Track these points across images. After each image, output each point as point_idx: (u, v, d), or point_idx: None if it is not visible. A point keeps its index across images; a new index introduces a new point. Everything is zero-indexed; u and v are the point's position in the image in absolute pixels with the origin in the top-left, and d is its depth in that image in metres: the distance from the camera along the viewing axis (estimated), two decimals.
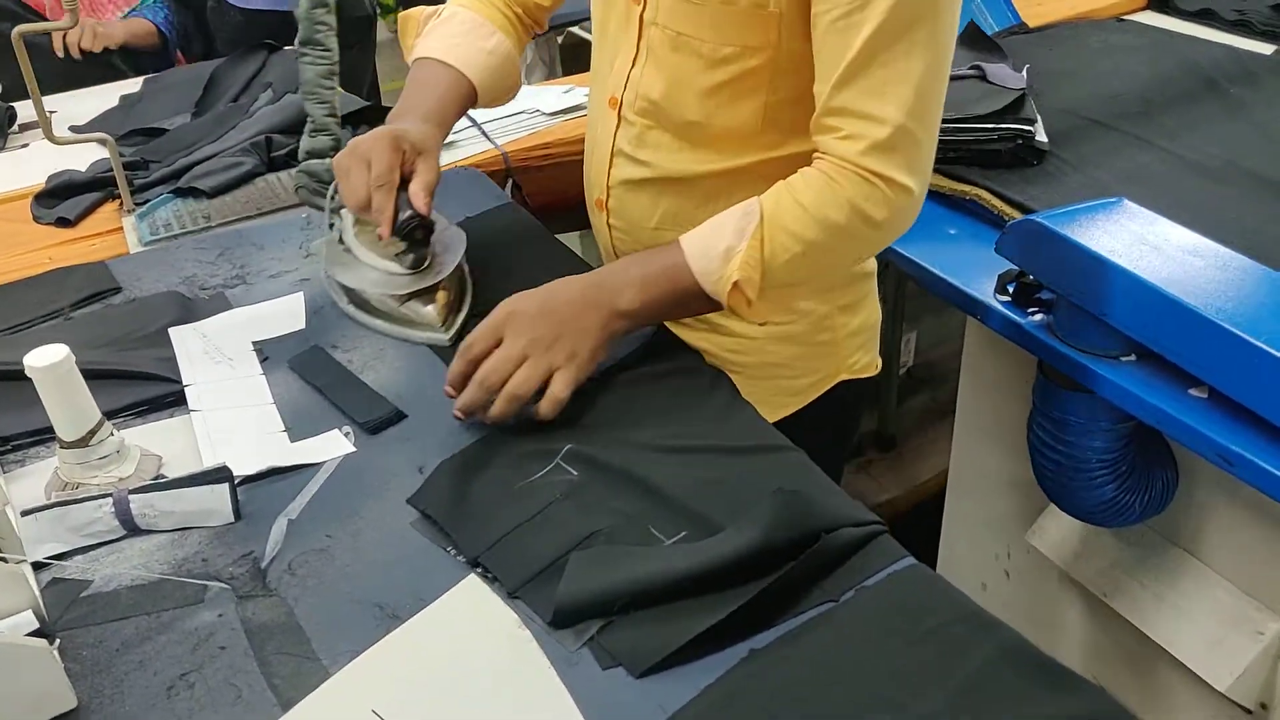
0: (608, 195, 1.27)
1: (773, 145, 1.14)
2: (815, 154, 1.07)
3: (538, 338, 1.03)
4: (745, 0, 1.05)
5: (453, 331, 1.19)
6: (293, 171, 1.43)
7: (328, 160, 1.34)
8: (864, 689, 0.75)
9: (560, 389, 1.02)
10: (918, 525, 1.86)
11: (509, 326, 1.04)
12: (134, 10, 2.57)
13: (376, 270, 1.21)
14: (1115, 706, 0.72)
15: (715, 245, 1.06)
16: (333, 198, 1.26)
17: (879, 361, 1.38)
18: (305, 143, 1.37)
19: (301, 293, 1.30)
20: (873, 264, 1.32)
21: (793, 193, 1.05)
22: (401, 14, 1.39)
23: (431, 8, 1.35)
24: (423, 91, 1.26)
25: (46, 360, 0.91)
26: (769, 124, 1.13)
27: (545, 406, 1.02)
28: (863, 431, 2.66)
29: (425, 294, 1.20)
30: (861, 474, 2.59)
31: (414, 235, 1.18)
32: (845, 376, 1.33)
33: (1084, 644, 1.60)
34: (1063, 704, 0.72)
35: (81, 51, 2.36)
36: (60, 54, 2.29)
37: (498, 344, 1.04)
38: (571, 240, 1.57)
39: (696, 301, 1.09)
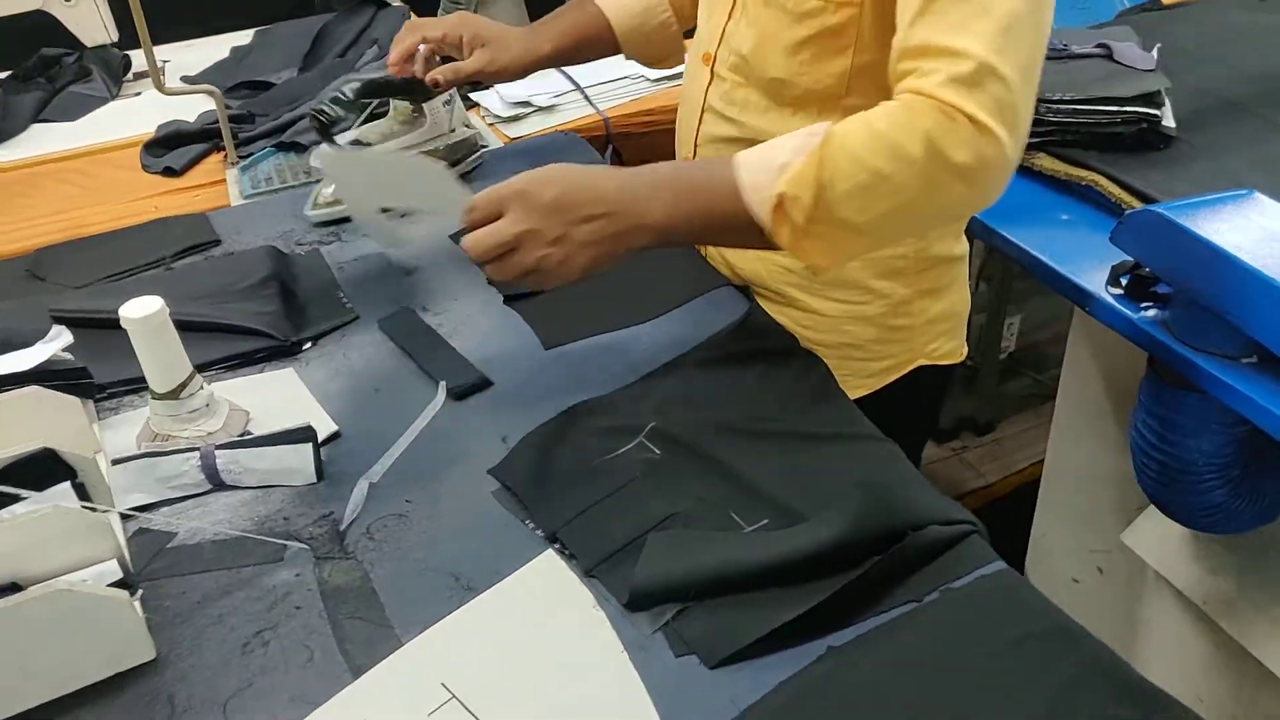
0: (695, 152, 1.25)
1: (857, 109, 1.03)
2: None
3: (536, 230, 0.93)
4: None
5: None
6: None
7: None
8: (943, 698, 0.72)
9: (532, 284, 0.96)
10: (1012, 512, 1.80)
11: (513, 205, 0.94)
12: None
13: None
14: None
15: (772, 159, 0.94)
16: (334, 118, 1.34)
17: (964, 349, 1.34)
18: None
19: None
20: (963, 247, 1.27)
21: (865, 118, 0.93)
22: None
23: None
24: (549, 20, 1.39)
25: (141, 312, 0.92)
26: (854, 87, 1.09)
27: (501, 280, 0.97)
28: (960, 415, 2.59)
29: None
30: (956, 458, 2.53)
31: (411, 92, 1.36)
32: (923, 362, 1.29)
33: (1176, 653, 1.54)
34: None
35: None
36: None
37: (497, 216, 0.94)
38: None
39: (739, 223, 0.95)
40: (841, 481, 0.88)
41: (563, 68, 1.88)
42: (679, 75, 1.85)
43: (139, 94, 1.99)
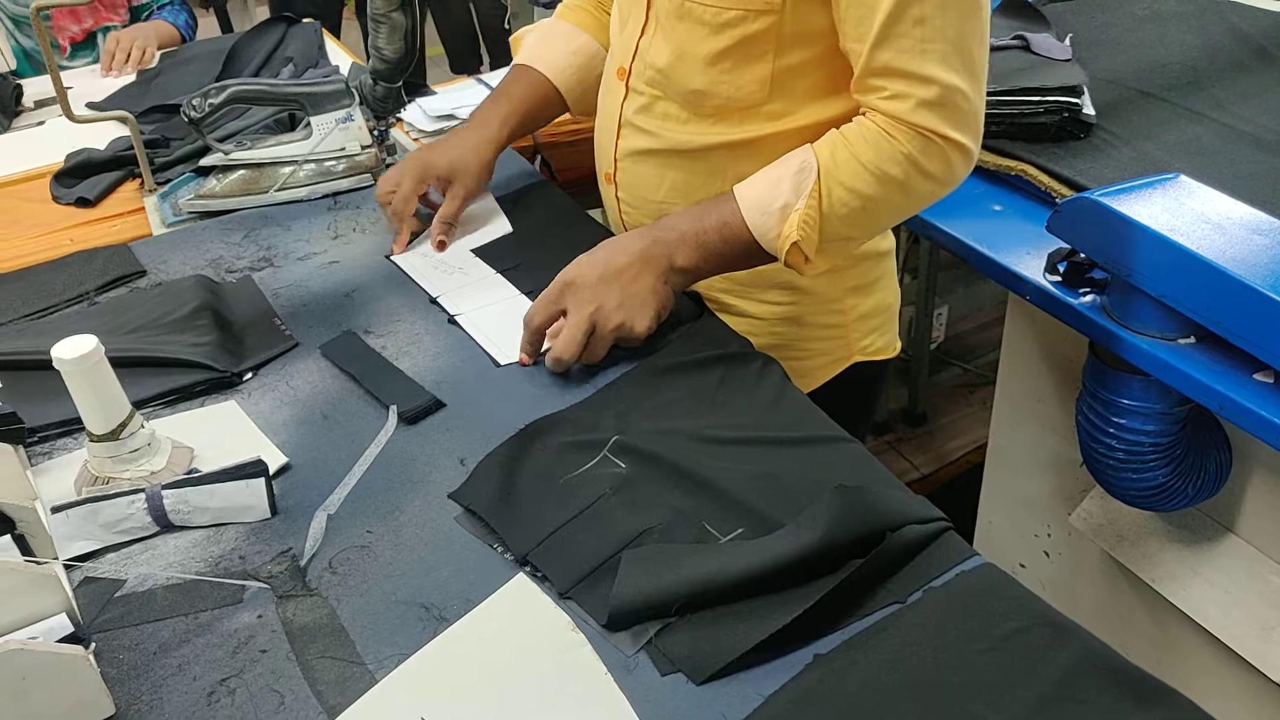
0: (615, 168, 1.24)
1: (780, 115, 1.11)
2: (861, 110, 1.06)
3: (600, 306, 1.05)
4: None
5: None
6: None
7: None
8: (938, 699, 0.71)
9: (638, 338, 1.07)
10: (953, 501, 1.82)
11: (570, 297, 1.06)
12: (150, 12, 2.49)
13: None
14: (1204, 717, 0.69)
15: (772, 201, 1.06)
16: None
17: (898, 344, 1.35)
18: (371, 36, 1.43)
19: (491, 194, 1.41)
20: (889, 243, 1.29)
21: (850, 147, 1.04)
22: (512, 36, 1.47)
23: (534, 26, 1.43)
24: (494, 99, 1.37)
25: (74, 352, 0.88)
26: (776, 92, 1.10)
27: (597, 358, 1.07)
28: (892, 408, 2.62)
29: None
30: (891, 451, 2.56)
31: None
32: (858, 359, 1.30)
33: (1128, 629, 1.57)
34: (1150, 716, 0.68)
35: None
36: (112, 73, 2.17)
37: (559, 314, 1.07)
38: (599, 216, 1.54)
39: (753, 255, 1.10)
40: (813, 485, 0.88)
41: (483, 78, 1.86)
42: None
43: (41, 123, 1.92)
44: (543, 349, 1.09)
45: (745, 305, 1.24)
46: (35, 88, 2.02)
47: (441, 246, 1.29)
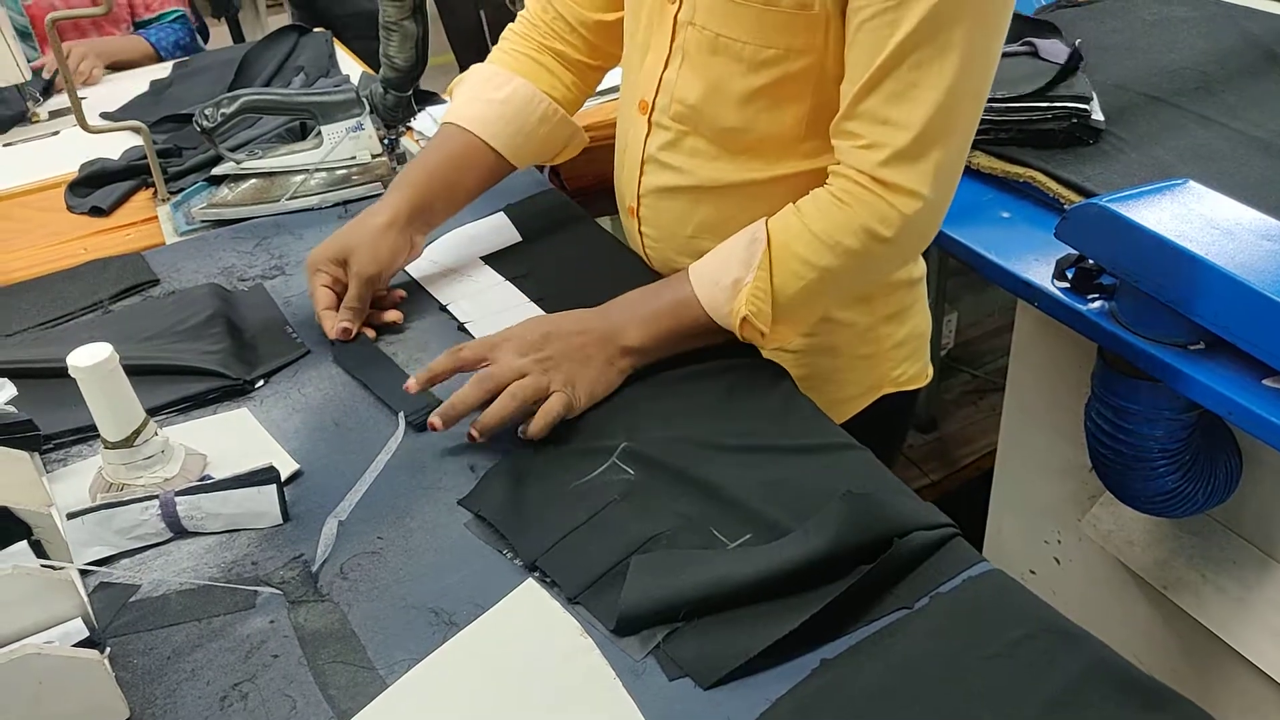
0: (639, 204, 1.20)
1: (815, 153, 1.07)
2: (830, 166, 1.02)
3: (539, 359, 1.00)
4: (789, 1, 0.98)
5: None
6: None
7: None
8: (944, 705, 0.71)
9: (555, 405, 0.98)
10: (962, 508, 1.82)
11: (505, 346, 1.02)
12: (147, 31, 2.51)
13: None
14: None
15: (723, 277, 1.02)
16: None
17: (929, 371, 1.32)
18: (382, 45, 1.43)
19: (502, 211, 1.35)
20: (921, 269, 1.27)
21: (802, 218, 1.01)
22: (448, 88, 1.34)
23: (463, 76, 1.30)
24: (415, 164, 1.24)
25: (90, 360, 0.89)
26: (812, 131, 1.06)
27: (536, 424, 0.97)
28: None
29: None
30: (900, 457, 2.56)
31: None
32: (889, 390, 1.27)
33: (1139, 637, 1.57)
34: None
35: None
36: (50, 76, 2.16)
37: (486, 360, 1.01)
38: (607, 224, 1.54)
39: (708, 334, 1.06)
40: (821, 492, 0.88)
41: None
42: (615, 90, 1.85)
43: (56, 133, 1.94)
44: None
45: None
46: (51, 98, 2.03)
47: (346, 334, 1.14)
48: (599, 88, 1.84)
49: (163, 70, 2.17)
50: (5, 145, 1.91)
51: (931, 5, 0.90)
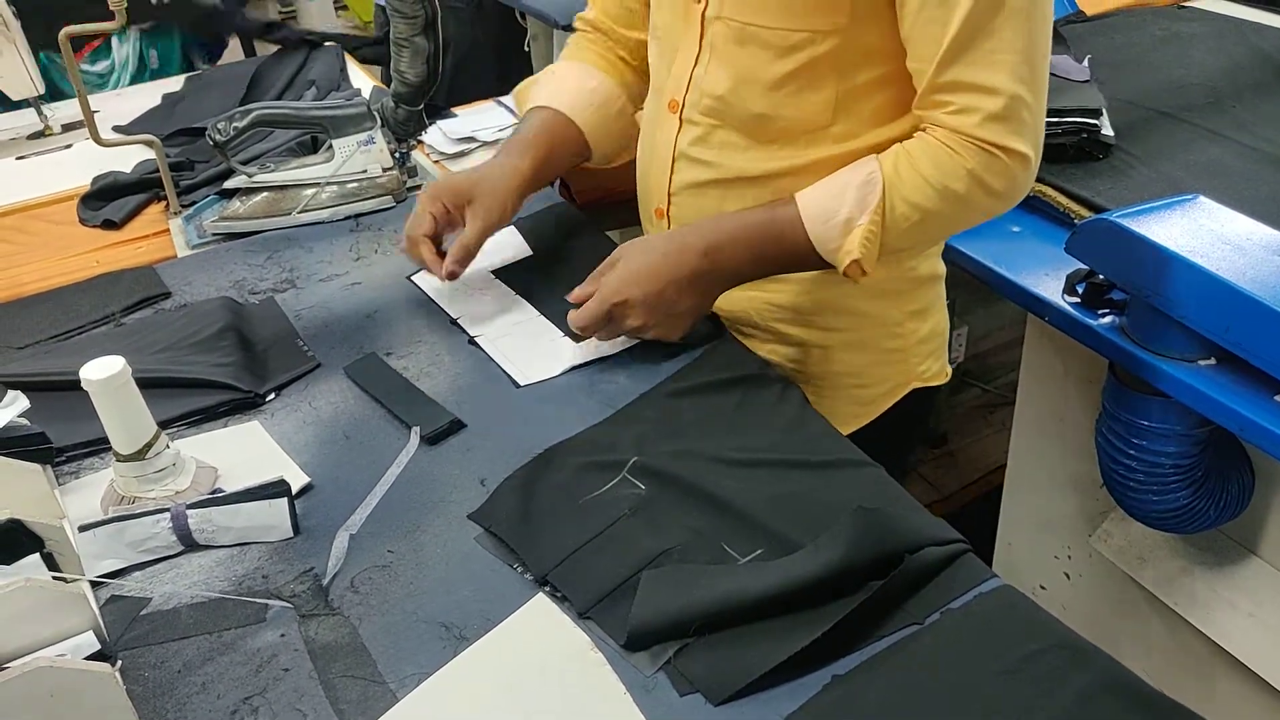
0: (669, 203, 1.21)
1: (844, 137, 1.10)
2: (924, 126, 1.05)
3: (644, 324, 1.08)
4: None
5: None
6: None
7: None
8: None
9: (650, 337, 1.11)
10: (973, 523, 1.82)
11: (618, 312, 1.08)
12: None
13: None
14: None
15: (835, 212, 1.05)
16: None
17: (949, 369, 1.33)
18: (393, 60, 1.44)
19: (513, 226, 1.34)
20: (941, 268, 1.28)
21: (913, 162, 1.03)
22: (517, 88, 1.41)
23: (542, 72, 1.36)
24: (514, 136, 1.29)
25: (103, 373, 0.89)
26: (840, 114, 1.08)
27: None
28: None
29: None
30: (910, 471, 2.55)
31: None
32: (916, 385, 1.28)
33: (1150, 652, 1.56)
34: None
35: None
36: None
37: (604, 317, 1.09)
38: (616, 237, 1.55)
39: (808, 263, 1.09)
40: (832, 507, 0.88)
41: (503, 100, 1.87)
42: None
43: (69, 146, 1.94)
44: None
45: (805, 334, 1.22)
46: (63, 111, 2.04)
47: (453, 276, 1.19)
48: None
49: (175, 84, 2.18)
50: (18, 158, 1.92)
51: None
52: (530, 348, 1.15)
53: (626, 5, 1.30)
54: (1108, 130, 1.56)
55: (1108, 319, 1.30)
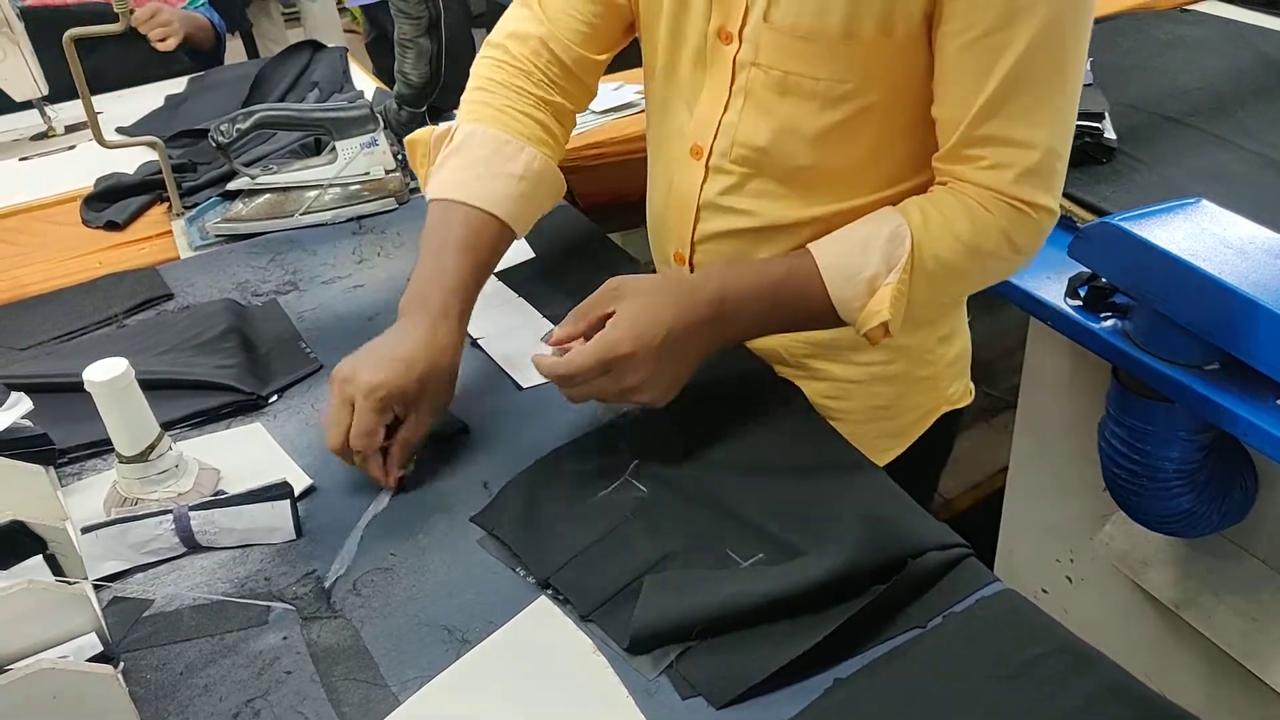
0: (692, 250, 1.13)
1: (882, 184, 1.04)
2: (946, 180, 0.99)
3: (644, 382, 0.94)
4: (869, 30, 0.92)
5: None
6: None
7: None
8: None
9: (637, 403, 0.97)
10: (975, 527, 1.82)
11: (620, 366, 0.92)
12: (191, 4, 2.53)
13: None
14: None
15: (858, 270, 0.97)
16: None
17: (972, 387, 1.29)
18: (397, 62, 1.43)
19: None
20: None
21: (944, 218, 0.96)
22: (408, 138, 1.20)
23: (441, 127, 1.14)
24: (438, 258, 1.04)
25: (106, 375, 0.89)
26: (879, 160, 1.02)
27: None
28: None
29: None
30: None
31: None
32: (946, 409, 1.24)
33: (1151, 657, 1.56)
34: None
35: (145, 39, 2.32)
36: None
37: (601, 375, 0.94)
38: (618, 239, 1.55)
39: (823, 322, 1.01)
40: (834, 511, 0.88)
41: None
42: (625, 106, 1.86)
43: (72, 147, 1.95)
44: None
45: (839, 369, 1.16)
46: (66, 113, 2.05)
47: (400, 482, 0.98)
48: (603, 106, 1.86)
49: (178, 85, 2.18)
50: (21, 159, 1.92)
51: (1040, 25, 0.88)
52: (532, 350, 1.15)
53: (588, 19, 1.12)
54: (1111, 134, 1.56)
55: (1110, 323, 1.30)
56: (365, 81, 2.11)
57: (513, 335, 1.19)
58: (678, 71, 1.07)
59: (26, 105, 2.01)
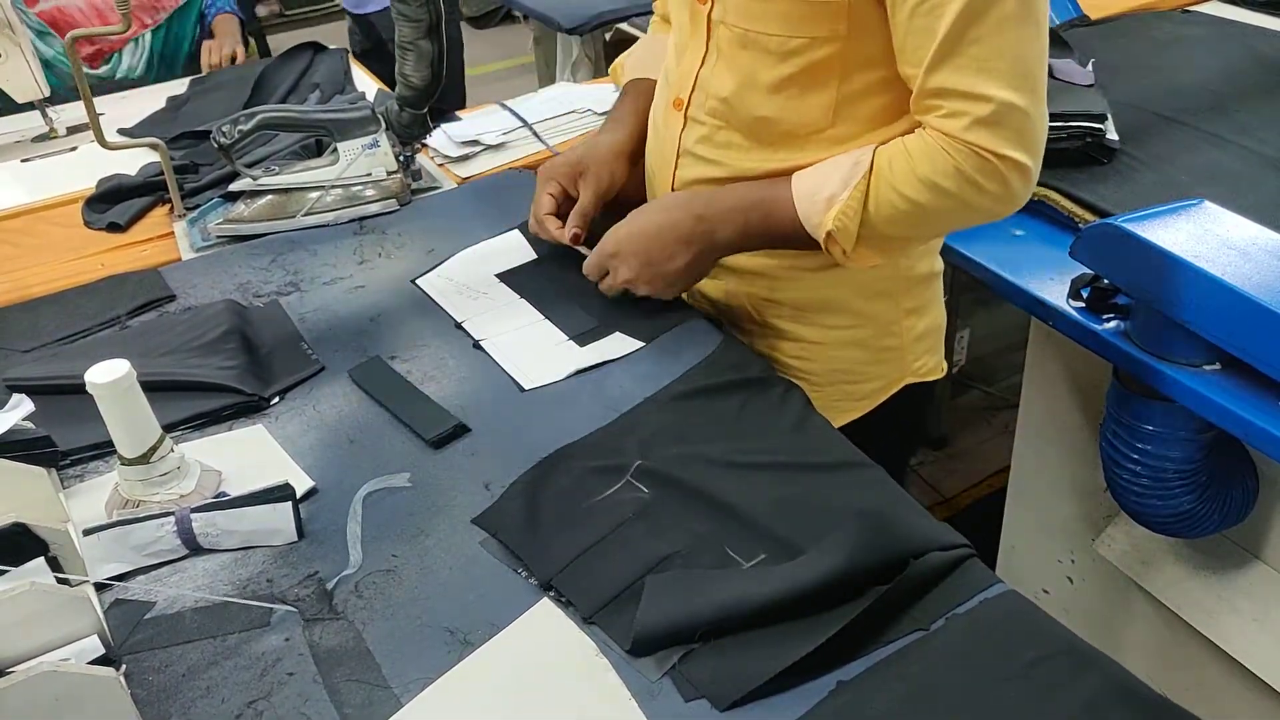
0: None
1: (844, 139, 1.11)
2: (924, 128, 1.06)
3: (636, 279, 1.16)
4: None
5: None
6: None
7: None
8: None
9: (641, 293, 1.18)
10: (975, 526, 1.82)
11: (615, 262, 1.17)
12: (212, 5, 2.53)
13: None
14: None
15: (820, 189, 1.08)
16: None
17: (944, 364, 1.34)
18: (398, 64, 1.44)
19: (517, 229, 1.39)
20: (939, 265, 1.28)
21: (906, 155, 1.05)
22: (612, 66, 1.48)
23: (636, 44, 1.40)
24: (613, 111, 1.38)
25: (108, 377, 0.89)
26: (840, 118, 1.10)
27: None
28: None
29: None
30: (912, 474, 2.55)
31: None
32: (910, 380, 1.29)
33: (1153, 657, 1.56)
34: None
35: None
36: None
37: (604, 274, 1.19)
38: None
39: (795, 239, 1.12)
40: (835, 511, 0.88)
41: (506, 103, 1.88)
42: None
43: (74, 149, 1.95)
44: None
45: (804, 331, 1.24)
46: (68, 114, 2.05)
47: (576, 240, 1.26)
48: (603, 107, 1.86)
49: (179, 86, 2.18)
50: (23, 161, 1.92)
51: None
52: (535, 351, 1.15)
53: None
54: (1112, 134, 1.56)
55: (1112, 324, 1.30)
56: (367, 83, 2.11)
57: (515, 337, 1.19)
58: (682, 30, 1.19)
59: (29, 106, 2.01)
